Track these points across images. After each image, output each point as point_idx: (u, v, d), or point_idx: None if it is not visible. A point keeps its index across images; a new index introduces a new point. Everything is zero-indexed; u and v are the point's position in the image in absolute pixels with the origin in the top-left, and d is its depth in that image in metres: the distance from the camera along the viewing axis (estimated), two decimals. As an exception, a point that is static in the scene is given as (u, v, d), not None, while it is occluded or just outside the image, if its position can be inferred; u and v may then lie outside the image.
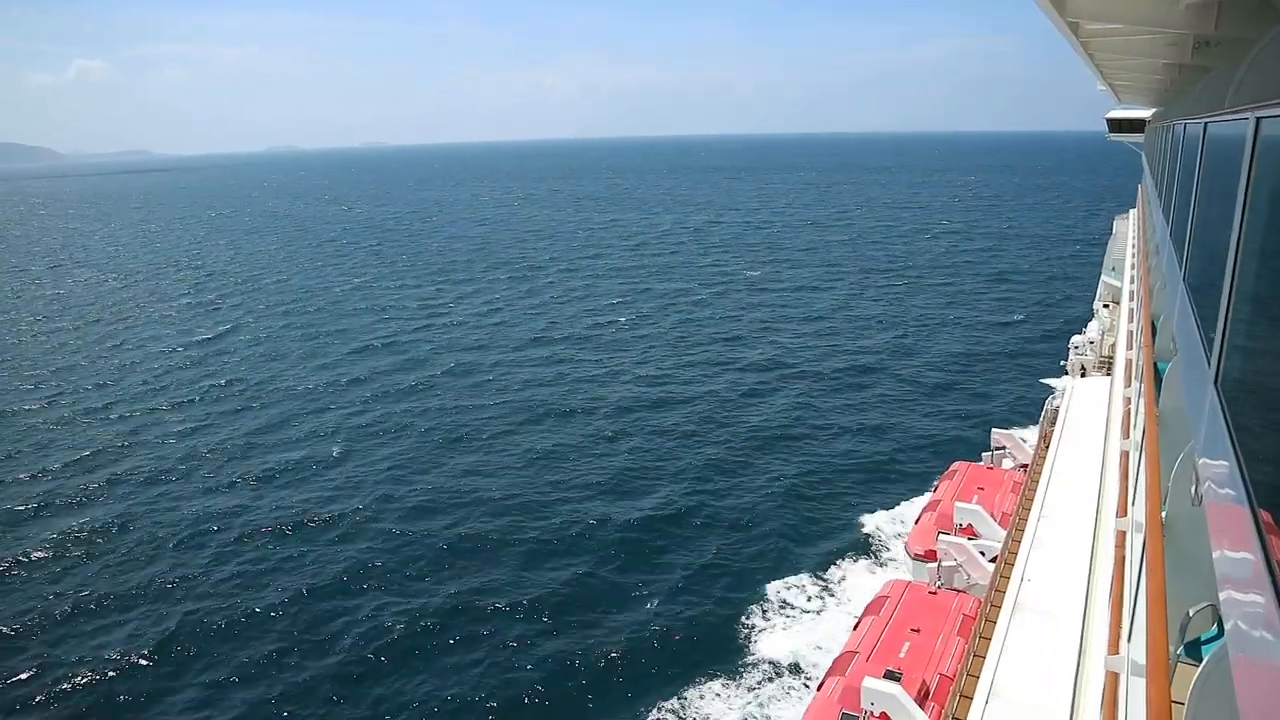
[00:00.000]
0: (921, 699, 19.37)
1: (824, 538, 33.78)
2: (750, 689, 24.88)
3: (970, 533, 26.56)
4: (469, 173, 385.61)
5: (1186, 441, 5.66)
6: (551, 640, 27.56)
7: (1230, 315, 4.53)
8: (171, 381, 58.00)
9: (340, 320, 76.09)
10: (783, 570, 31.19)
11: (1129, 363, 14.83)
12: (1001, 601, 17.55)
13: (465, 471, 40.98)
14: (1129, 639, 6.14)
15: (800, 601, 29.03)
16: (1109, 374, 28.74)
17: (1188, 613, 5.06)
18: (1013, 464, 33.34)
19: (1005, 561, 20.35)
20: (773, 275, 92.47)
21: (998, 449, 34.40)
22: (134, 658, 27.51)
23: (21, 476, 42.07)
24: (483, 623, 28.55)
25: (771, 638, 27.12)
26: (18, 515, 37.91)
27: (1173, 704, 3.96)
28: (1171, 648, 4.85)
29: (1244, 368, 4.24)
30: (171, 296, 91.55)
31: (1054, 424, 27.16)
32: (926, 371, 56.09)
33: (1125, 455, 10.08)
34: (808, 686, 24.38)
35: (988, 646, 16.25)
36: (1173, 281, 9.38)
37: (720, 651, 26.63)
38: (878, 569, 30.92)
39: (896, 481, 39.01)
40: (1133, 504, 8.00)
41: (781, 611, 28.52)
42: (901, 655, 21.09)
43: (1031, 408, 48.06)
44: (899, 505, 36.47)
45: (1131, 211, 48.56)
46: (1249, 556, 3.04)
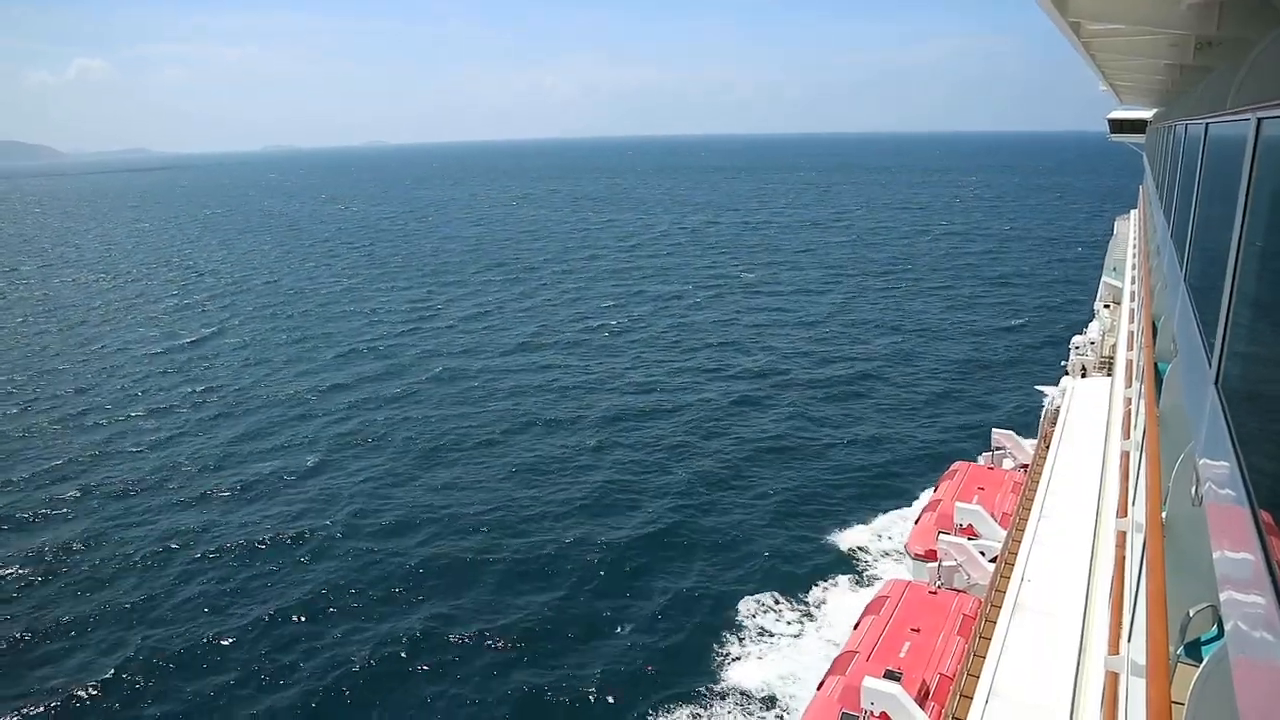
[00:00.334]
0: (921, 699, 19.38)
1: (809, 557, 32.85)
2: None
3: (970, 533, 26.58)
4: (467, 172, 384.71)
5: (1187, 442, 5.66)
6: (519, 671, 26.64)
7: (1231, 316, 4.53)
8: (150, 387, 57.04)
9: (327, 324, 75.00)
10: (765, 592, 30.21)
11: (1130, 363, 14.84)
12: (1002, 601, 17.54)
13: (443, 485, 39.91)
14: (1129, 639, 6.15)
15: (779, 627, 28.11)
16: (1110, 374, 28.74)
17: (1188, 613, 5.07)
18: (1013, 464, 33.36)
19: (1005, 561, 20.33)
20: (770, 278, 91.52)
21: (998, 449, 34.42)
22: (82, 690, 26.23)
23: (-16, 489, 40.43)
24: (449, 651, 27.59)
25: (745, 667, 26.22)
26: (-25, 532, 36.28)
27: (1173, 704, 3.97)
28: (1171, 648, 4.86)
29: (1245, 368, 4.25)
30: (159, 298, 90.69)
31: (1054, 424, 27.15)
32: (923, 379, 54.77)
33: (1126, 455, 10.09)
34: None
35: (988, 646, 16.25)
36: (1174, 282, 9.38)
37: (692, 682, 25.76)
38: (860, 588, 30.10)
39: (889, 496, 37.83)
40: (1133, 504, 8.01)
41: (760, 639, 27.57)
42: (901, 655, 21.11)
43: (1031, 408, 48.04)
44: (886, 520, 35.41)
45: (1132, 212, 48.56)
46: (1249, 557, 3.04)
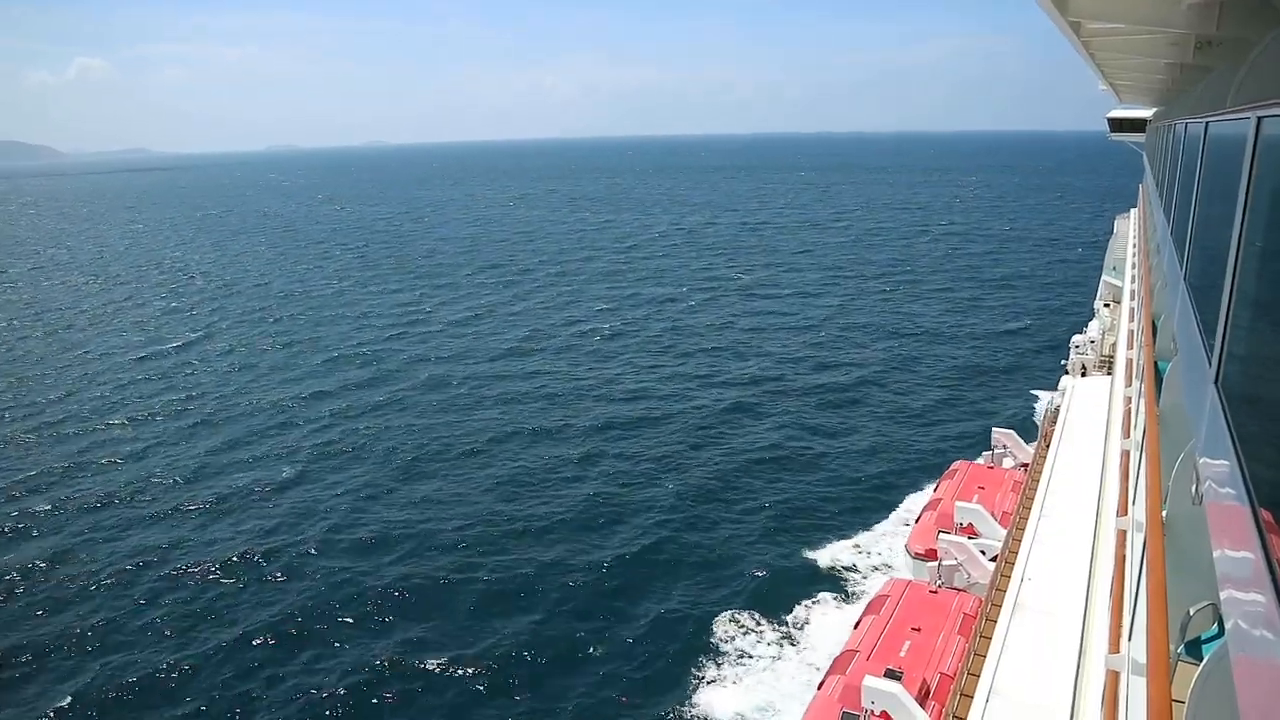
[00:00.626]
0: (922, 698, 19.39)
1: (795, 574, 31.85)
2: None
3: (971, 532, 26.61)
4: (466, 172, 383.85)
5: (1187, 441, 5.67)
6: (487, 705, 25.63)
7: (1231, 315, 4.54)
8: (130, 395, 55.99)
9: (316, 328, 73.92)
10: (747, 611, 29.25)
11: (1130, 362, 14.85)
12: (1002, 600, 17.56)
13: (422, 499, 38.73)
14: (1129, 638, 6.16)
15: (759, 650, 27.20)
16: (1110, 373, 28.75)
17: (1188, 612, 5.07)
18: (1013, 463, 33.39)
19: (1006, 560, 20.35)
20: (767, 280, 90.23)
21: (998, 448, 34.45)
22: (34, 720, 24.96)
23: (-48, 503, 39.21)
24: (417, 680, 26.54)
25: (721, 695, 25.27)
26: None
27: (1173, 703, 3.97)
28: (1172, 647, 4.86)
29: (1244, 367, 4.25)
30: (147, 301, 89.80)
31: (1054, 423, 27.17)
32: (920, 385, 53.36)
33: (1126, 454, 10.09)
34: None
35: (988, 645, 16.26)
36: (1173, 281, 9.39)
37: (663, 714, 24.88)
38: (845, 605, 29.30)
39: (881, 509, 36.66)
40: (1133, 503, 8.01)
41: (739, 662, 26.66)
42: (902, 654, 21.13)
43: (1030, 409, 48.03)
44: (877, 534, 34.50)
45: (1132, 211, 48.63)
46: (1249, 555, 3.05)
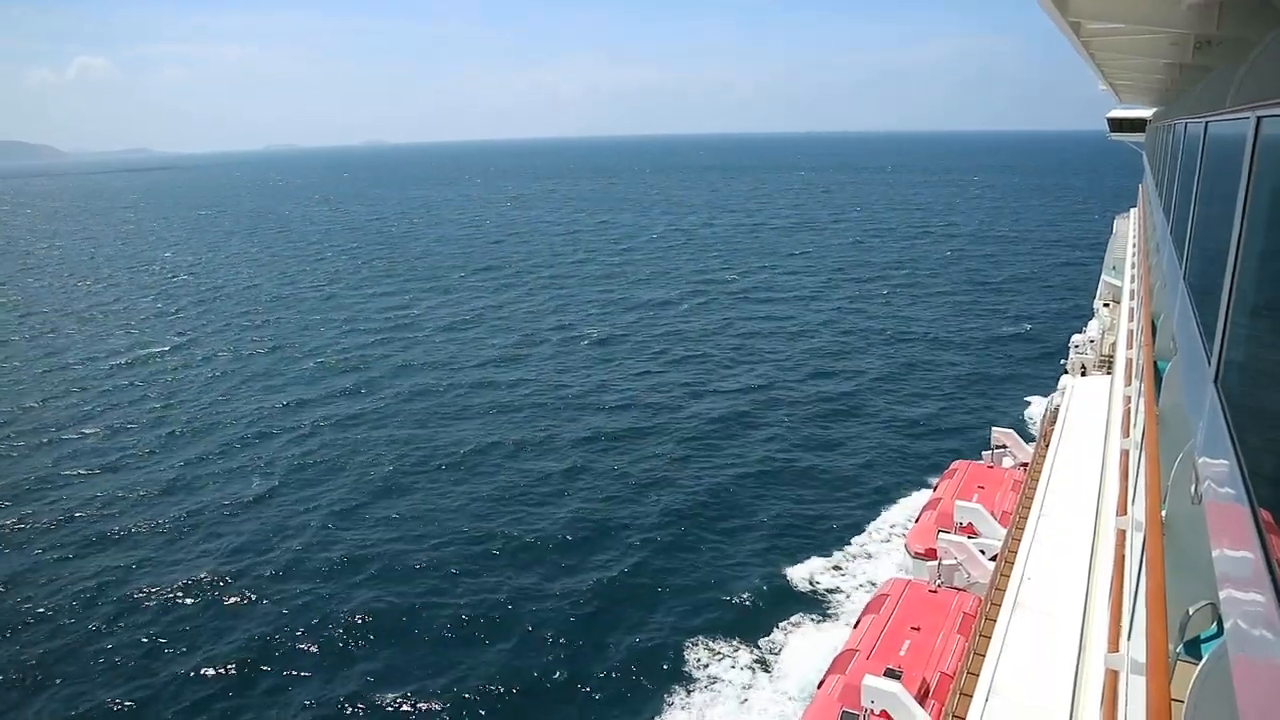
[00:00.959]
0: (922, 697, 19.40)
1: (776, 595, 30.46)
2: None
3: (970, 531, 26.62)
4: (465, 172, 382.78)
5: (1186, 440, 5.67)
6: None
7: (1230, 314, 4.54)
8: (108, 404, 54.53)
9: (302, 334, 72.35)
10: (725, 639, 27.80)
11: (1129, 362, 14.85)
12: (1001, 600, 17.56)
13: (395, 517, 37.23)
14: (1129, 637, 6.17)
15: (731, 676, 26.09)
16: (1109, 373, 28.75)
17: (1187, 611, 5.07)
18: (1013, 462, 33.40)
19: (1005, 560, 20.35)
20: (766, 282, 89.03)
21: (998, 447, 34.46)
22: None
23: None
24: (381, 715, 25.40)
25: None
26: None
27: (1172, 702, 3.98)
28: (1171, 646, 4.86)
29: (1244, 367, 4.26)
30: (134, 304, 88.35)
31: (1054, 423, 27.17)
32: (918, 392, 51.96)
33: (1125, 454, 10.09)
34: None
35: (988, 645, 16.27)
36: (1173, 281, 9.39)
37: None
38: (826, 625, 28.18)
39: (870, 526, 35.27)
40: (1133, 502, 8.01)
41: (709, 688, 25.61)
42: (902, 653, 21.14)
43: (1030, 410, 48.00)
44: (864, 551, 33.28)
45: (1132, 211, 48.64)
46: (1249, 555, 3.05)
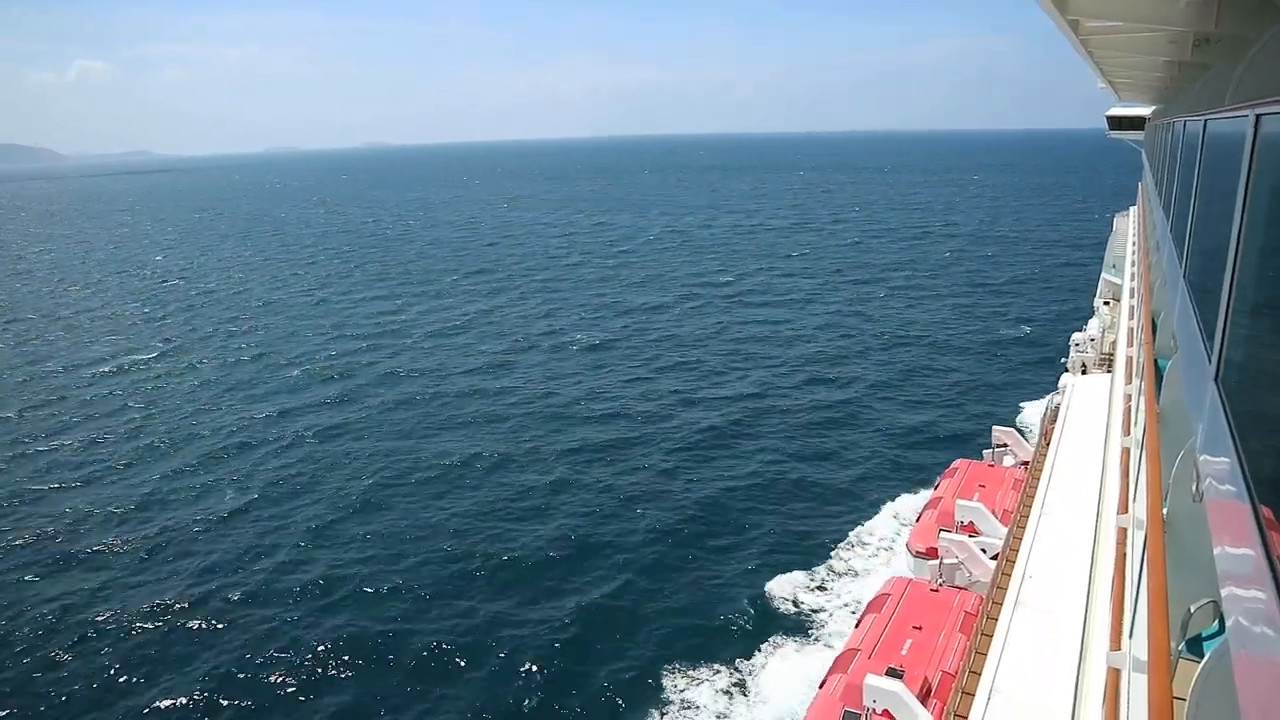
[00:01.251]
0: (923, 696, 19.39)
1: (762, 615, 29.42)
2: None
3: (971, 530, 26.62)
4: (465, 173, 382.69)
5: (1187, 438, 5.66)
6: None
7: (1230, 312, 4.54)
8: (88, 414, 53.44)
9: (289, 341, 71.04)
10: (706, 664, 26.80)
11: (1130, 360, 14.84)
12: (1003, 598, 17.55)
13: (373, 535, 35.99)
14: (1130, 635, 6.16)
15: (705, 701, 25.20)
16: (1110, 371, 28.76)
17: (1189, 609, 5.07)
18: (1014, 461, 33.37)
19: (1006, 559, 20.35)
20: (763, 285, 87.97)
21: (999, 446, 34.43)
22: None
23: None
24: None
25: None
26: None
27: (1174, 700, 3.97)
28: (1173, 644, 4.86)
29: (1244, 364, 4.26)
30: (122, 310, 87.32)
31: (1055, 421, 27.16)
32: (916, 398, 51.27)
33: (1126, 452, 10.08)
34: None
35: (989, 643, 16.26)
36: (1173, 278, 9.40)
37: None
38: (808, 645, 27.35)
39: (862, 541, 34.07)
40: (1134, 501, 8.01)
41: (683, 713, 24.76)
42: (903, 652, 21.12)
43: (1032, 405, 47.96)
44: (851, 568, 32.14)
45: (1131, 209, 48.60)
46: (1250, 552, 3.05)
